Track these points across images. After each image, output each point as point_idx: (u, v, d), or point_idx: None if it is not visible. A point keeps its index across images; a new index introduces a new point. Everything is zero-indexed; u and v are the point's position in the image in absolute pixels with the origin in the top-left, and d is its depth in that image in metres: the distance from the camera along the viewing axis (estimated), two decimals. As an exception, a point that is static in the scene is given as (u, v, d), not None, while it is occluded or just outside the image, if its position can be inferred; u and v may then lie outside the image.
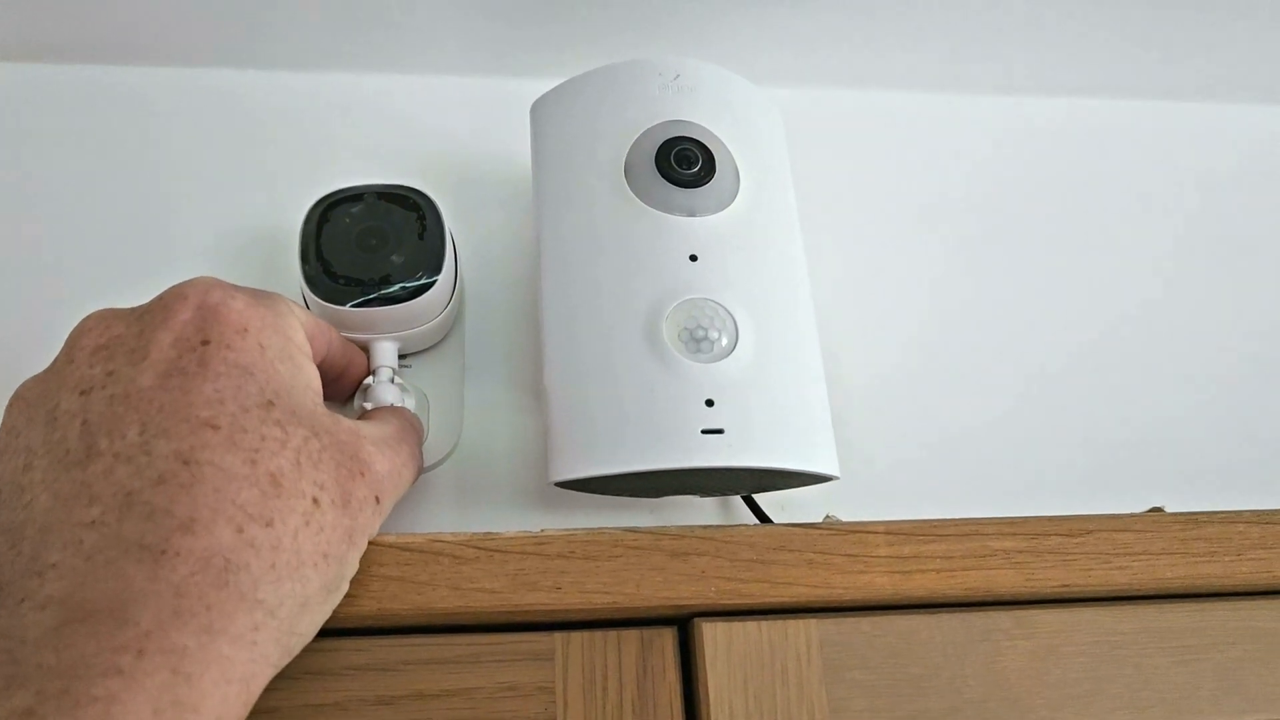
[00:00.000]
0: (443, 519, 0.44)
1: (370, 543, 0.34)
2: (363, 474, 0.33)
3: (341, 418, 0.34)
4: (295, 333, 0.35)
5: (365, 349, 0.43)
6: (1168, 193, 0.60)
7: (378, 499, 0.33)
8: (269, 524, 0.29)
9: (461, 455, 0.45)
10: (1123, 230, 0.58)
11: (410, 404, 0.43)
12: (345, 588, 0.33)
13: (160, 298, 0.33)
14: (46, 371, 0.32)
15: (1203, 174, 0.61)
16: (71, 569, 0.26)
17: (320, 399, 0.34)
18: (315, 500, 0.30)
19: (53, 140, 0.53)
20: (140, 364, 0.30)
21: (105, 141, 0.53)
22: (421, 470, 0.40)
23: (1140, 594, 0.38)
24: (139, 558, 0.27)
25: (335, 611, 0.33)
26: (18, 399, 0.32)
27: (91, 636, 0.25)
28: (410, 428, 0.40)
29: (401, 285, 0.42)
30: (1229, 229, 0.59)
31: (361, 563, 0.34)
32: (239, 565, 0.28)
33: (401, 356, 0.44)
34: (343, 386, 0.42)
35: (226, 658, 0.27)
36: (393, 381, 0.43)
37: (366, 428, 0.35)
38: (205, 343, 0.31)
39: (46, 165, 0.52)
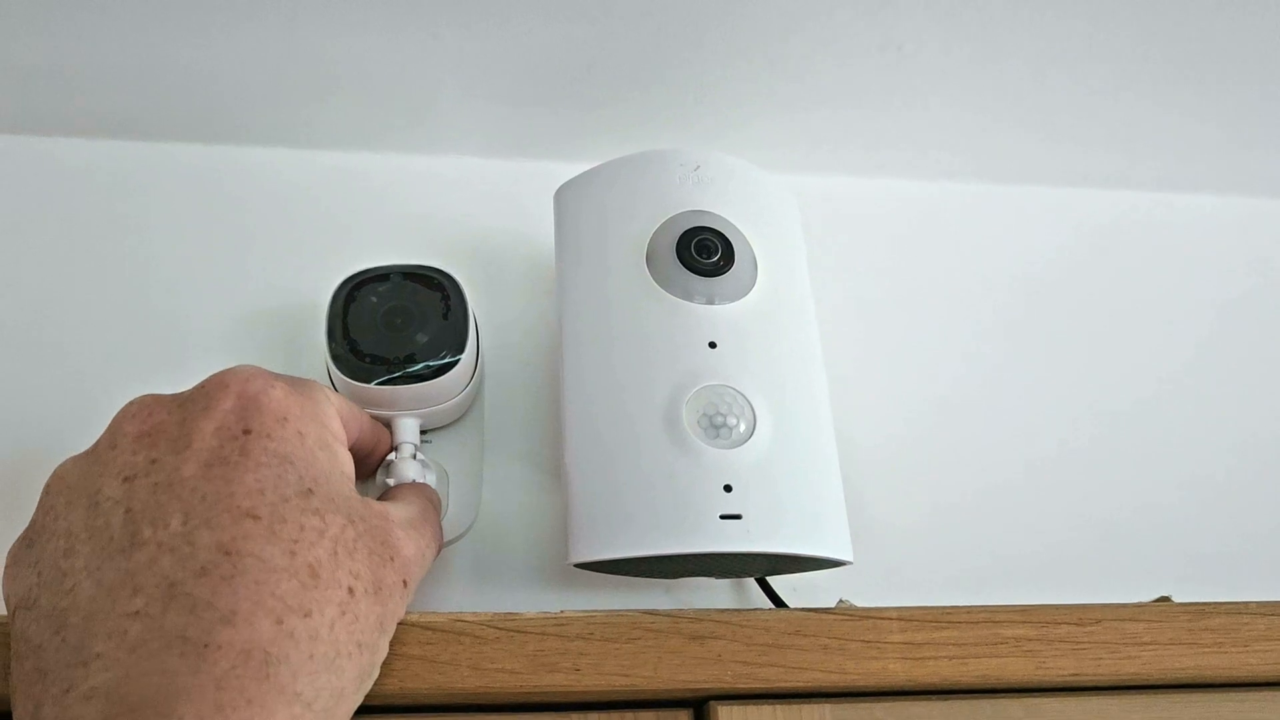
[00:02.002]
0: (460, 595, 0.44)
1: (392, 622, 0.34)
2: (393, 559, 0.33)
3: (372, 502, 0.35)
4: (332, 420, 0.35)
5: (388, 425, 0.44)
6: (1180, 283, 0.61)
7: (405, 583, 0.34)
8: (307, 615, 0.29)
9: (479, 531, 0.46)
10: (1136, 319, 0.59)
11: (431, 479, 0.44)
12: (376, 674, 0.33)
13: (202, 385, 0.34)
14: (87, 454, 0.33)
15: (1213, 266, 0.62)
16: (116, 660, 0.27)
17: (353, 484, 0.35)
18: (350, 590, 0.31)
19: (80, 217, 0.54)
20: (183, 452, 0.31)
21: (133, 218, 0.54)
22: (441, 547, 0.41)
23: (1149, 684, 0.39)
24: (182, 651, 0.27)
25: (358, 689, 0.33)
26: (57, 479, 0.33)
27: None
28: (431, 506, 0.40)
29: (425, 364, 0.43)
30: (1244, 320, 0.60)
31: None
32: (279, 657, 0.28)
33: (423, 432, 0.45)
34: (370, 464, 0.43)
35: None
36: (414, 457, 0.44)
37: (394, 510, 0.36)
38: (247, 432, 0.32)
39: (71, 242, 0.53)
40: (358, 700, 0.32)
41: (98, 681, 0.27)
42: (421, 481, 0.43)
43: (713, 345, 0.40)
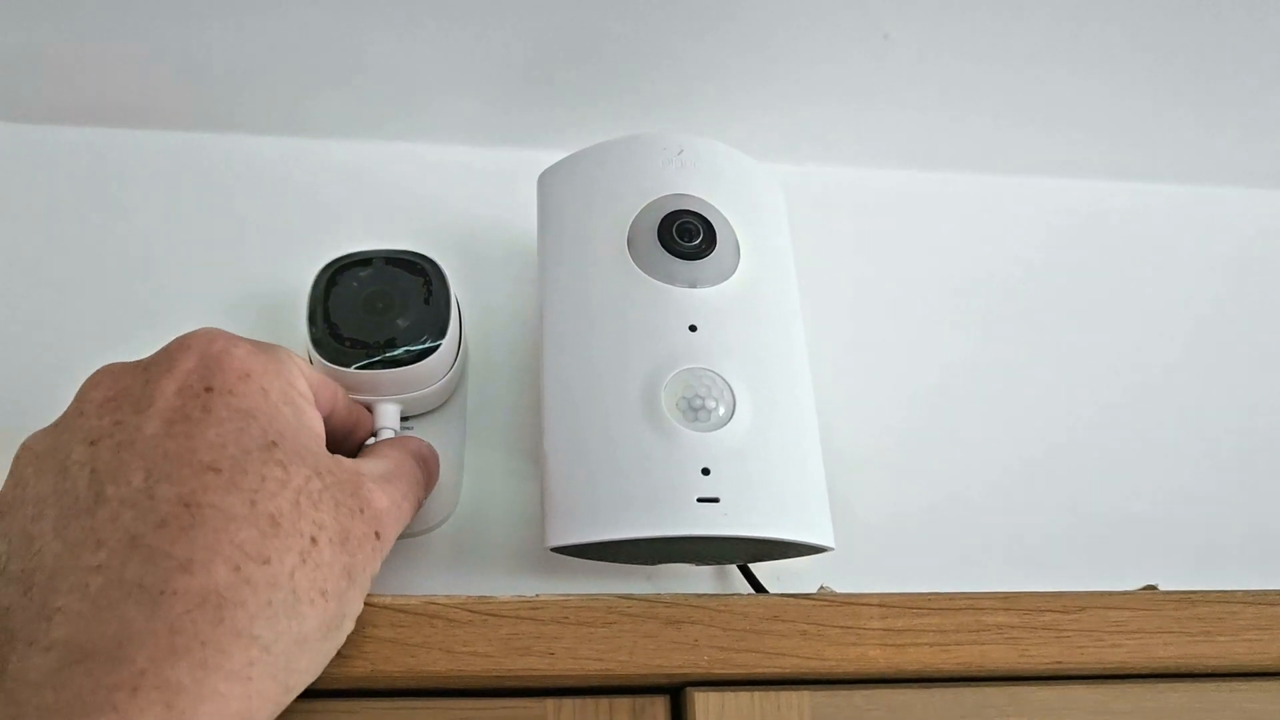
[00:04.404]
0: (439, 582, 0.44)
1: (364, 604, 0.34)
2: (362, 511, 0.33)
3: (343, 458, 0.35)
4: (297, 380, 0.35)
5: (369, 410, 0.44)
6: (1167, 274, 0.61)
7: (377, 534, 0.34)
8: (266, 562, 0.29)
9: (460, 518, 0.46)
10: (1120, 309, 0.59)
11: (411, 466, 0.44)
12: (348, 626, 0.33)
13: (165, 348, 0.34)
14: (55, 424, 0.33)
15: (1203, 257, 0.62)
16: (76, 613, 0.27)
17: (323, 442, 0.35)
18: (314, 539, 0.31)
19: (62, 203, 0.54)
20: (145, 412, 0.31)
21: (116, 205, 0.54)
22: (423, 500, 0.40)
23: (1134, 673, 0.38)
24: (139, 599, 0.27)
25: (327, 672, 0.33)
26: (25, 450, 0.33)
27: (88, 675, 0.26)
28: (410, 459, 0.40)
29: (406, 349, 0.43)
30: (1229, 311, 0.60)
31: (355, 623, 0.34)
32: (235, 602, 0.28)
33: (404, 418, 0.45)
34: (348, 447, 0.43)
35: (221, 694, 0.27)
36: (394, 443, 0.43)
37: (366, 465, 0.36)
38: (208, 389, 0.32)
39: (54, 228, 0.53)
40: (326, 651, 0.32)
41: (58, 633, 0.27)
42: (399, 436, 0.42)
43: (693, 329, 0.40)
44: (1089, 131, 0.60)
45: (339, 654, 0.33)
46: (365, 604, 0.34)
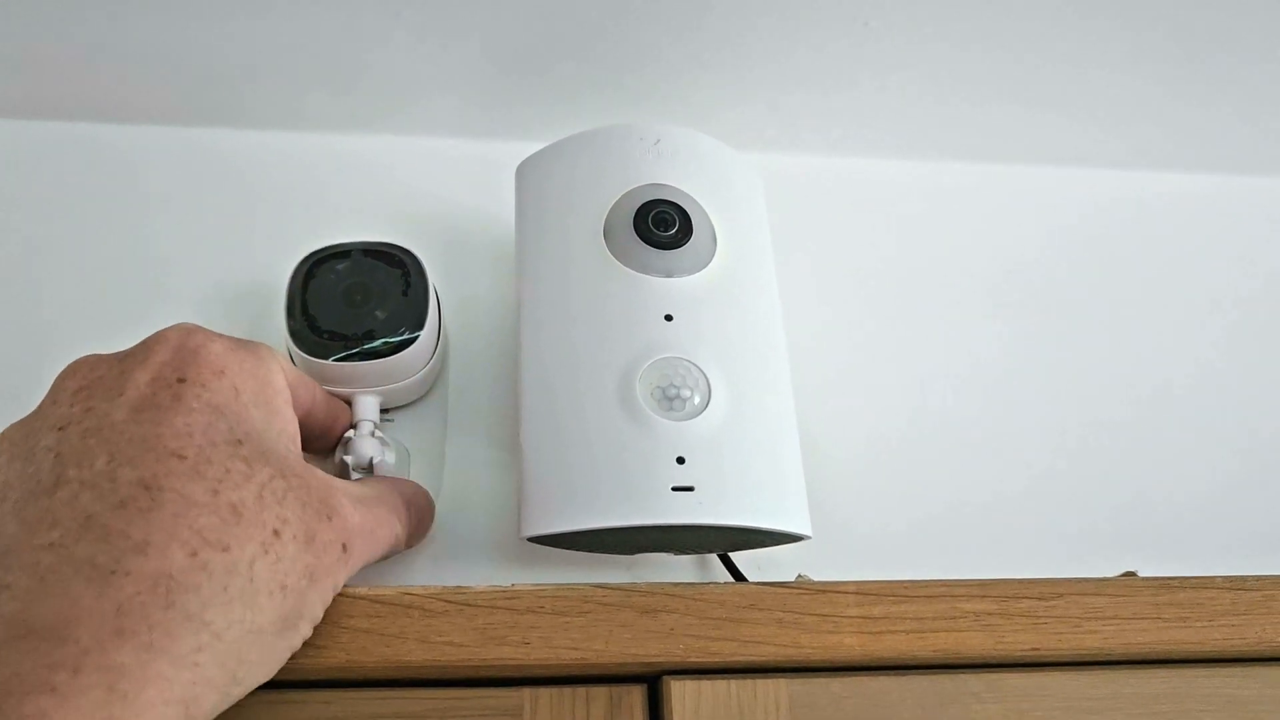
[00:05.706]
0: (418, 573, 0.44)
1: (340, 594, 0.34)
2: (330, 518, 0.33)
3: (316, 469, 0.35)
4: (274, 377, 0.35)
5: (348, 402, 0.44)
6: (1154, 265, 0.61)
7: (344, 546, 0.34)
8: (225, 549, 0.29)
9: (441, 510, 0.46)
10: (1101, 300, 0.59)
11: (390, 458, 0.44)
12: (304, 629, 0.33)
13: (143, 341, 0.34)
14: (31, 414, 0.33)
15: (1191, 250, 0.62)
16: (25, 589, 0.27)
17: (296, 445, 0.35)
18: (276, 532, 0.31)
19: (44, 197, 0.54)
20: (116, 399, 0.31)
21: (96, 198, 0.55)
22: (400, 538, 0.39)
23: (1112, 659, 0.38)
24: (89, 577, 0.27)
25: (303, 663, 0.33)
26: (2, 439, 0.33)
27: (29, 654, 0.25)
28: (393, 493, 0.39)
29: (384, 340, 0.43)
30: (1221, 302, 0.60)
31: (330, 614, 0.34)
32: (189, 587, 0.28)
33: (384, 410, 0.45)
34: (327, 441, 0.43)
35: (166, 677, 0.27)
36: (373, 435, 0.43)
37: (345, 483, 0.36)
38: (181, 380, 0.32)
39: (37, 222, 0.54)
40: (279, 649, 0.32)
41: (4, 610, 0.26)
42: (397, 477, 0.42)
43: (669, 318, 0.40)
44: (1076, 117, 0.60)
45: (315, 644, 0.33)
46: (341, 595, 0.34)
